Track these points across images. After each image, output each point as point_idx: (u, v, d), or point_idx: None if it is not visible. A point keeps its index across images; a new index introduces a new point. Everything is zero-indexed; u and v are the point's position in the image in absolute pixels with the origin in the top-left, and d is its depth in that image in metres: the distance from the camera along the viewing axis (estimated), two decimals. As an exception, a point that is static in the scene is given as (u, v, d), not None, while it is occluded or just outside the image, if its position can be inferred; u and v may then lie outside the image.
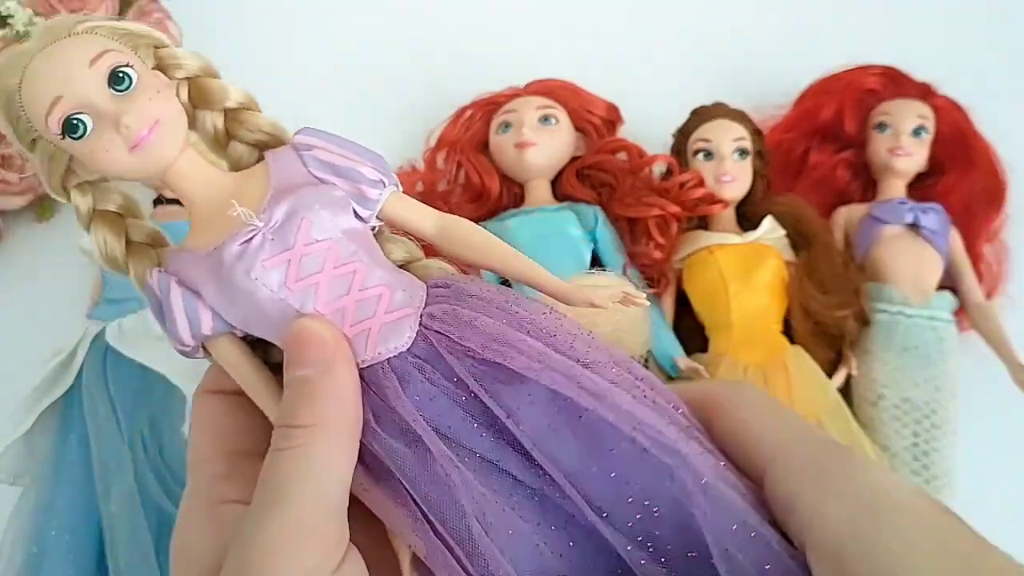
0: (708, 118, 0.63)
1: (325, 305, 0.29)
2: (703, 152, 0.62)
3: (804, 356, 0.57)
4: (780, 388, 0.55)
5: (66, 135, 0.29)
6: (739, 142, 0.62)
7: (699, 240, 0.62)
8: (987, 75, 0.68)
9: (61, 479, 0.51)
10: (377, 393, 0.29)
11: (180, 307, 0.30)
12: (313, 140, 0.31)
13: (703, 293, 0.60)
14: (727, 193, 0.61)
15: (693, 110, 0.65)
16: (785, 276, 0.60)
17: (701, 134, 0.62)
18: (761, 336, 0.58)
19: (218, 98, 0.32)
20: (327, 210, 0.29)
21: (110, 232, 0.32)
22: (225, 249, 0.29)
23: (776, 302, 0.60)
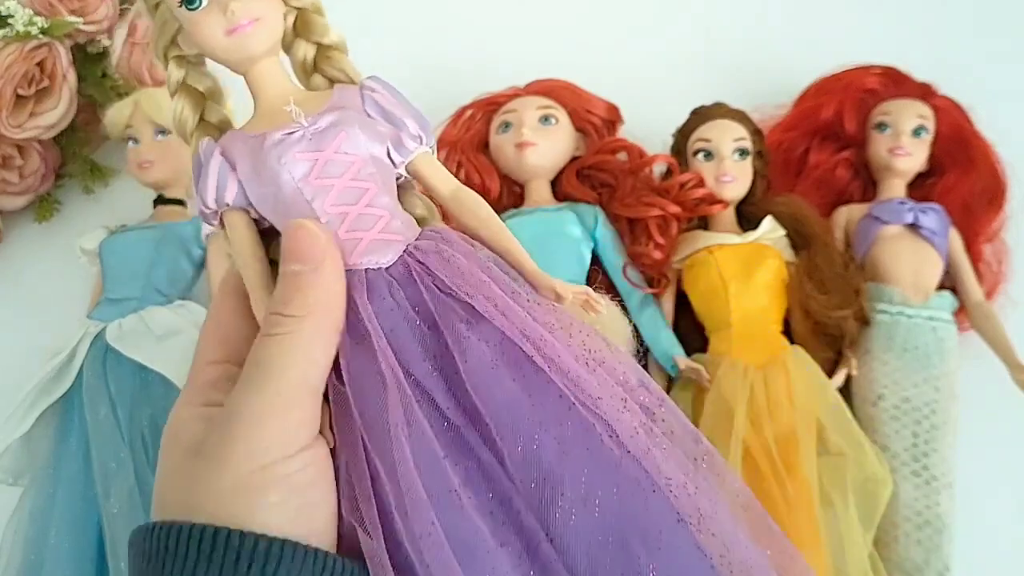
0: (708, 118, 0.63)
1: (332, 206, 0.33)
2: (703, 152, 0.62)
3: (804, 356, 0.57)
4: (780, 388, 0.55)
5: (183, 4, 0.33)
6: (739, 142, 0.62)
7: (699, 240, 0.62)
8: (987, 75, 0.68)
9: (61, 479, 0.51)
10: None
11: (215, 172, 0.34)
12: (377, 86, 0.36)
13: (703, 293, 0.60)
14: (727, 193, 0.62)
15: (693, 110, 0.65)
16: (785, 276, 0.60)
17: (701, 134, 0.62)
18: (761, 336, 0.58)
19: (318, 32, 0.37)
20: (365, 134, 0.34)
21: (189, 105, 0.36)
22: (269, 135, 0.33)
23: (776, 302, 0.59)
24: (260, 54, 0.35)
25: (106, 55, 0.68)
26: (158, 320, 0.56)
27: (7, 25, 0.61)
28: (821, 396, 0.56)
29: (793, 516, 0.50)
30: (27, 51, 0.60)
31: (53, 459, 0.52)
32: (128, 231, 0.61)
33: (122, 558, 0.47)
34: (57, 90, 0.63)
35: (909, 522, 0.55)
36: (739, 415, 0.53)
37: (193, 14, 0.33)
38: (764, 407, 0.54)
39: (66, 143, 0.69)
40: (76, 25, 0.63)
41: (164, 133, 0.61)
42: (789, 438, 0.53)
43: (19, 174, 0.66)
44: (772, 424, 0.53)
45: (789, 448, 0.53)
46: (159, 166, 0.61)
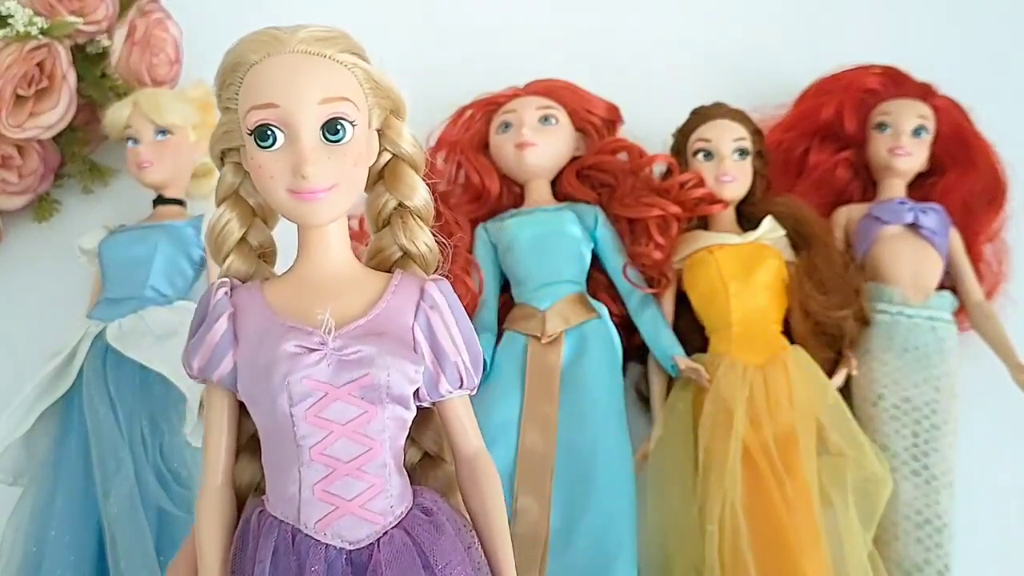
0: (708, 118, 0.63)
1: (321, 455, 0.29)
2: (703, 152, 0.62)
3: (804, 356, 0.57)
4: (780, 388, 0.55)
5: (254, 136, 0.29)
6: (739, 142, 0.62)
7: (699, 240, 0.62)
8: (987, 75, 0.68)
9: (61, 479, 0.51)
10: (297, 559, 0.28)
11: (214, 341, 0.30)
12: (441, 301, 0.31)
13: (703, 293, 0.60)
14: (727, 193, 0.61)
15: (693, 110, 0.65)
16: (785, 276, 0.60)
17: (701, 134, 0.62)
18: (761, 336, 0.58)
19: (407, 192, 0.33)
20: (394, 376, 0.29)
21: (237, 219, 0.32)
22: (289, 338, 0.29)
23: (776, 302, 0.59)
24: (325, 222, 0.31)
25: (105, 55, 0.67)
26: (158, 320, 0.56)
27: (7, 25, 0.60)
28: (821, 396, 0.56)
29: (793, 515, 0.50)
30: (27, 51, 0.60)
31: (53, 459, 0.52)
32: (127, 231, 0.61)
33: (122, 556, 0.47)
34: (57, 90, 0.62)
35: (909, 520, 0.55)
36: (739, 415, 0.53)
37: (260, 152, 0.29)
38: (764, 407, 0.54)
39: (65, 143, 0.68)
40: (76, 26, 0.63)
41: (163, 133, 0.61)
42: (789, 438, 0.53)
43: (18, 174, 0.66)
44: (772, 424, 0.53)
45: (789, 448, 0.53)
46: (158, 166, 0.61)
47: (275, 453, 0.30)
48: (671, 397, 0.59)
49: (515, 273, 0.61)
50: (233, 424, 0.31)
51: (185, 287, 0.60)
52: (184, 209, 0.63)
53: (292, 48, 0.29)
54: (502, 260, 0.62)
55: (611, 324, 0.59)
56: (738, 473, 0.51)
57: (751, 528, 0.50)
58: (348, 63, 0.30)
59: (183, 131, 0.62)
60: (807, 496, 0.51)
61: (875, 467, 0.53)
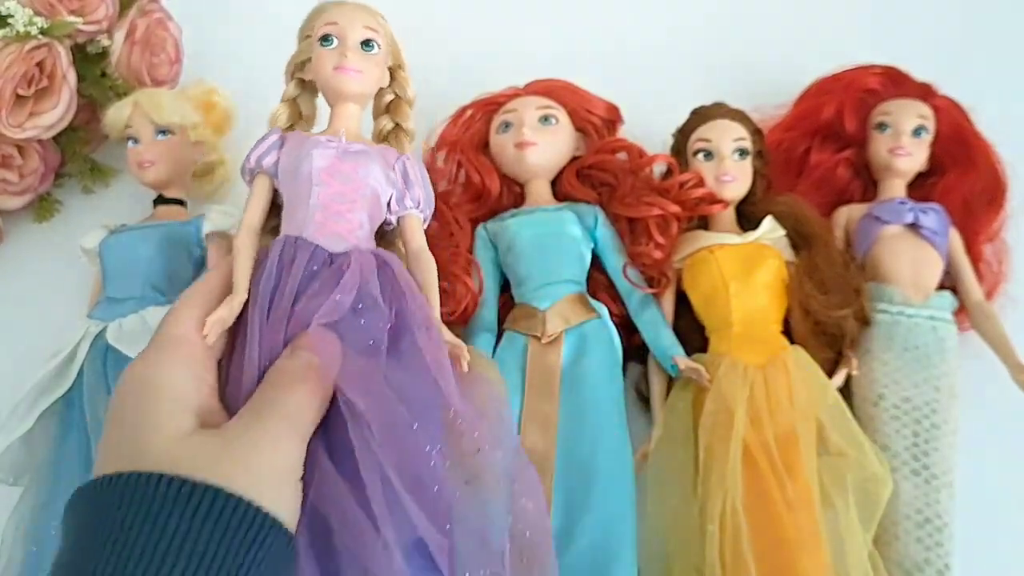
0: (708, 118, 0.63)
1: (324, 197, 0.45)
2: (703, 152, 0.62)
3: (804, 356, 0.57)
4: (780, 388, 0.55)
5: (321, 40, 0.48)
6: (739, 142, 0.62)
7: (699, 240, 0.62)
8: (987, 75, 0.68)
9: (61, 478, 0.51)
10: (283, 257, 0.44)
11: (267, 143, 0.48)
12: (413, 160, 0.50)
13: (703, 293, 0.60)
14: (727, 193, 0.62)
15: (693, 110, 0.65)
16: (785, 276, 0.60)
17: (701, 134, 0.63)
18: (761, 336, 0.58)
19: (402, 119, 0.52)
20: (381, 174, 0.47)
21: (285, 114, 0.51)
22: (319, 138, 0.47)
23: (776, 302, 0.59)
24: (349, 96, 0.48)
25: (106, 55, 0.67)
26: (159, 320, 0.56)
27: (7, 25, 0.60)
28: (821, 396, 0.56)
29: (794, 515, 0.50)
30: (27, 51, 0.60)
31: (53, 459, 0.52)
32: (128, 230, 0.61)
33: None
34: (57, 90, 0.62)
35: (909, 520, 0.55)
36: (739, 415, 0.53)
37: (321, 49, 0.48)
38: (764, 407, 0.54)
39: (66, 143, 0.68)
40: (76, 25, 0.63)
41: (164, 133, 0.61)
42: (789, 438, 0.53)
43: (19, 174, 0.66)
44: (772, 424, 0.53)
45: (789, 448, 0.53)
46: (159, 166, 0.61)
47: (293, 199, 0.46)
48: (671, 397, 0.58)
49: (515, 273, 0.61)
50: (268, 196, 0.48)
51: (186, 287, 0.60)
52: (184, 209, 0.63)
53: (351, 3, 0.49)
54: (502, 260, 0.62)
55: (611, 324, 0.58)
56: (739, 473, 0.51)
57: (752, 528, 0.50)
58: (380, 18, 0.50)
59: (184, 131, 0.62)
60: (808, 496, 0.51)
61: (875, 467, 0.53)
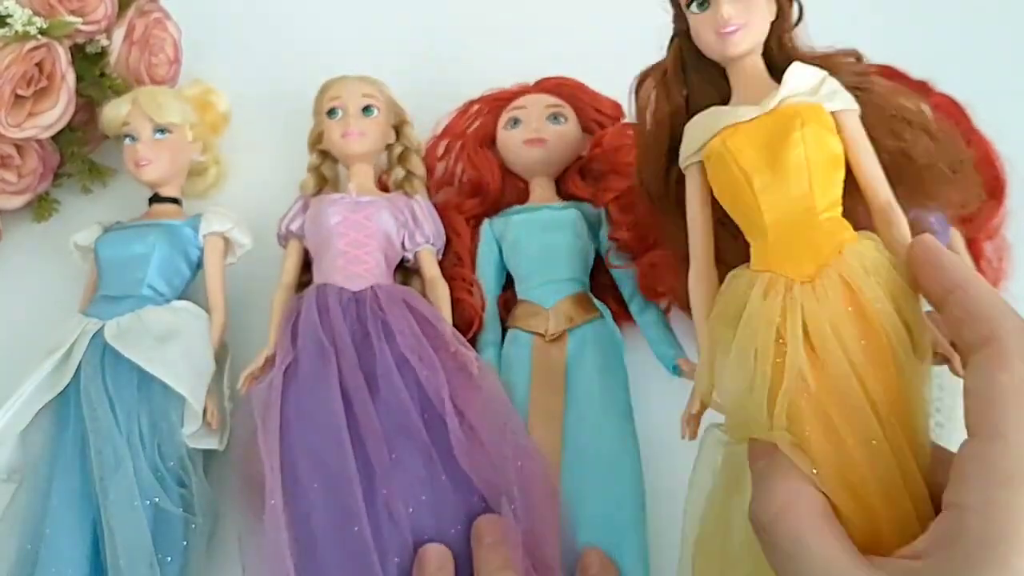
0: None
1: (345, 245, 0.56)
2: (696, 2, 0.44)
3: (871, 249, 0.38)
4: (836, 310, 0.37)
5: (327, 114, 0.60)
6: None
7: (710, 122, 0.44)
8: (985, 72, 0.68)
9: (56, 476, 0.50)
10: (319, 304, 0.54)
11: (294, 211, 0.60)
12: (423, 201, 0.61)
13: (728, 196, 0.43)
14: (732, 49, 0.43)
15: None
16: (831, 142, 0.41)
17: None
18: (806, 236, 0.40)
19: (412, 167, 0.63)
20: (390, 218, 0.58)
21: (311, 182, 0.62)
22: (333, 196, 0.59)
23: (827, 178, 0.40)
24: (357, 156, 0.60)
25: (105, 55, 0.68)
26: (156, 320, 0.56)
27: (6, 25, 0.60)
28: (905, 302, 0.37)
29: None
30: (26, 51, 0.60)
31: (48, 456, 0.52)
32: (125, 228, 0.61)
33: (121, 553, 0.46)
34: (56, 90, 0.62)
35: (915, 519, 0.54)
36: (793, 344, 0.36)
37: (330, 121, 0.60)
38: (825, 332, 0.36)
39: (64, 143, 0.68)
40: (75, 25, 0.63)
41: (163, 132, 0.61)
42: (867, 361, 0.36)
43: (17, 174, 0.66)
44: (830, 363, 0.36)
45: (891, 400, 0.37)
46: (156, 165, 0.61)
47: (319, 252, 0.57)
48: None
49: (519, 269, 0.61)
50: (300, 256, 0.59)
51: (182, 287, 0.60)
52: (180, 208, 0.63)
53: (351, 77, 0.61)
54: (506, 256, 0.62)
55: (613, 324, 0.58)
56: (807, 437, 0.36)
57: None
58: (379, 86, 0.61)
59: (181, 130, 0.62)
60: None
61: None
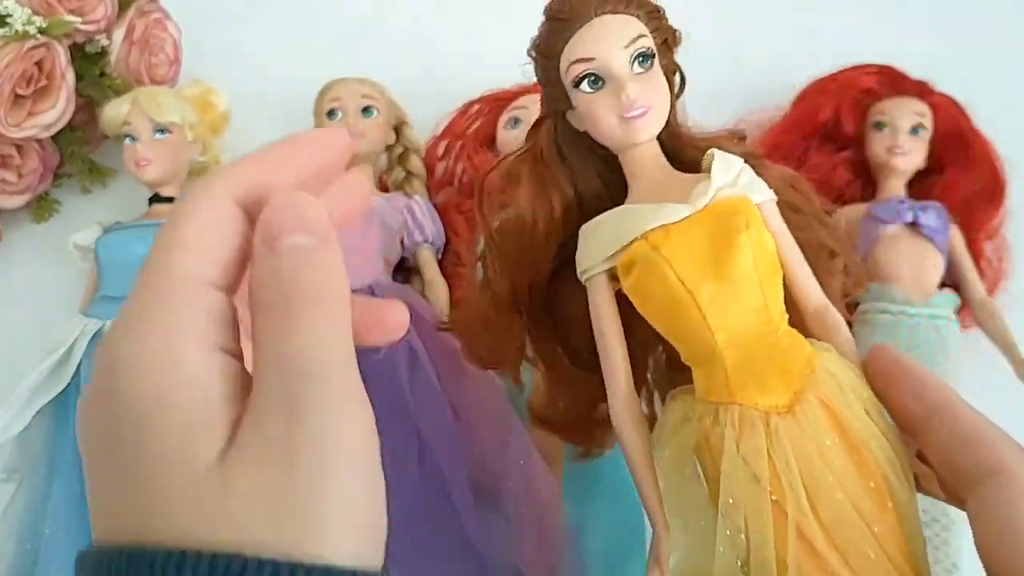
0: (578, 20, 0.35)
1: (345, 245, 0.46)
2: (588, 78, 0.34)
3: (838, 366, 0.31)
4: (824, 440, 0.29)
5: (327, 116, 0.63)
6: (636, 44, 0.34)
7: (627, 222, 0.33)
8: (984, 72, 0.68)
9: (55, 476, 0.50)
10: None
11: None
12: (421, 202, 0.62)
13: (660, 308, 0.33)
14: (639, 134, 0.34)
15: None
16: (770, 243, 0.32)
17: (575, 54, 0.34)
18: (771, 358, 0.31)
19: (411, 167, 0.65)
20: (390, 218, 0.59)
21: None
22: None
23: (774, 288, 0.32)
24: (357, 156, 0.59)
25: (104, 55, 0.67)
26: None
27: (5, 24, 0.60)
28: (880, 415, 0.30)
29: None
30: (25, 51, 0.60)
31: (47, 456, 0.52)
32: (125, 228, 0.61)
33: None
34: (55, 90, 0.62)
35: (915, 519, 0.54)
36: (792, 502, 0.28)
37: (331, 122, 0.62)
38: (822, 479, 0.28)
39: (64, 143, 0.68)
40: (74, 25, 0.63)
41: (163, 132, 0.61)
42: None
43: (17, 173, 0.66)
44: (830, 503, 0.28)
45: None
46: (156, 165, 0.61)
47: None
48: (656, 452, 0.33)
49: None
50: None
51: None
52: (181, 208, 0.63)
53: (350, 79, 0.65)
54: None
55: None
56: None
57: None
58: (378, 88, 0.62)
59: (181, 130, 0.62)
60: None
61: None
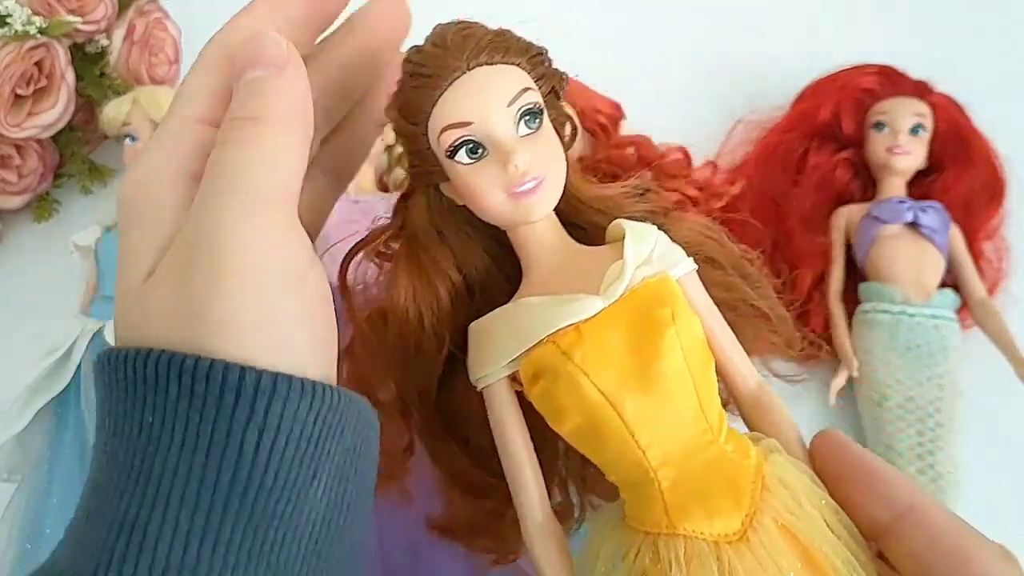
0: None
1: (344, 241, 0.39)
2: (466, 148, 0.28)
3: (790, 471, 0.26)
4: (784, 567, 0.24)
5: None
6: (520, 99, 0.27)
7: (531, 321, 0.27)
8: (984, 71, 0.68)
9: (56, 476, 0.50)
10: None
11: None
12: None
13: (577, 428, 0.26)
14: (534, 213, 0.28)
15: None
16: (698, 328, 0.27)
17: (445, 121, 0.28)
18: (716, 476, 0.25)
19: None
20: (385, 215, 0.50)
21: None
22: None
23: (709, 386, 0.26)
24: None
25: (105, 55, 0.67)
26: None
27: (5, 24, 0.60)
28: (839, 519, 0.25)
29: None
30: (25, 51, 0.60)
31: (48, 456, 0.52)
32: (126, 228, 0.61)
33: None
34: (55, 90, 0.62)
35: (915, 519, 0.54)
36: None
37: None
38: None
39: (64, 143, 0.68)
40: (74, 25, 0.63)
41: (163, 132, 0.61)
42: None
43: (17, 174, 0.66)
44: None
45: None
46: (157, 165, 0.61)
47: (318, 250, 0.53)
48: None
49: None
50: None
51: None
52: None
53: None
54: None
55: None
56: None
57: None
58: None
59: (182, 130, 0.62)
60: None
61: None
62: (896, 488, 0.24)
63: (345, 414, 0.23)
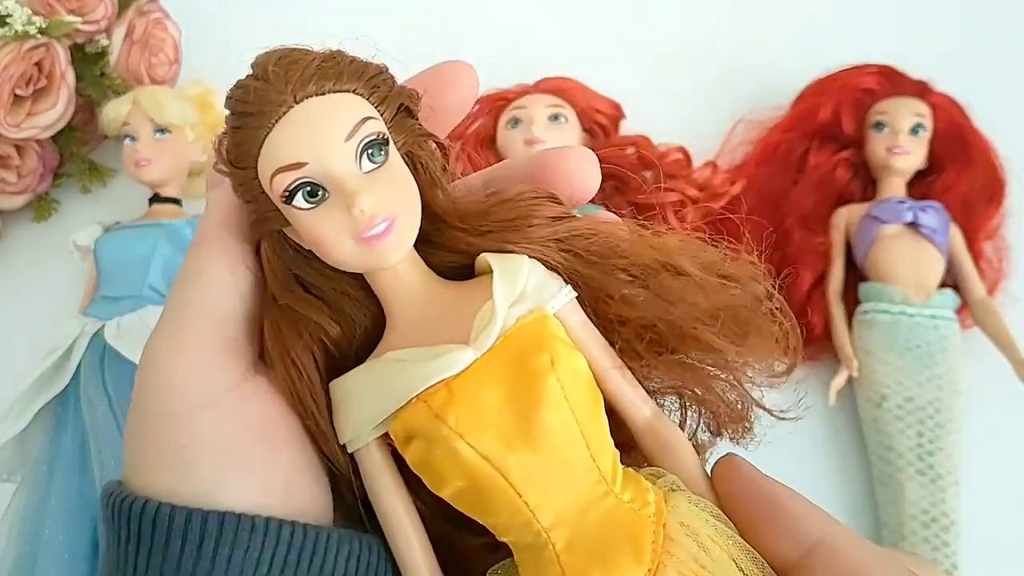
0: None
1: None
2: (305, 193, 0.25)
3: (695, 517, 0.23)
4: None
5: None
6: (362, 131, 0.25)
7: (393, 380, 0.24)
8: (984, 71, 0.68)
9: (55, 476, 0.50)
10: None
11: None
12: None
13: (459, 494, 0.24)
14: (386, 257, 0.25)
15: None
16: (582, 366, 0.24)
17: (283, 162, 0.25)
18: (615, 531, 0.23)
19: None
20: None
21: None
22: None
23: (600, 431, 0.24)
24: None
25: (104, 55, 0.67)
26: (157, 321, 0.56)
27: (5, 25, 0.60)
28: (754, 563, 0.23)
29: None
30: (25, 51, 0.60)
31: (47, 456, 0.52)
32: (124, 228, 0.61)
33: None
34: (55, 90, 0.62)
35: (915, 520, 0.54)
36: None
37: None
38: None
39: (64, 143, 0.68)
40: (74, 25, 0.63)
41: (163, 132, 0.61)
42: None
43: (17, 174, 0.66)
44: None
45: None
46: (156, 165, 0.61)
47: None
48: None
49: None
50: None
51: (183, 288, 0.60)
52: (180, 208, 0.63)
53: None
54: None
55: None
56: None
57: None
58: None
59: (181, 130, 0.62)
60: None
61: None
62: (802, 522, 0.23)
63: (313, 551, 0.22)
